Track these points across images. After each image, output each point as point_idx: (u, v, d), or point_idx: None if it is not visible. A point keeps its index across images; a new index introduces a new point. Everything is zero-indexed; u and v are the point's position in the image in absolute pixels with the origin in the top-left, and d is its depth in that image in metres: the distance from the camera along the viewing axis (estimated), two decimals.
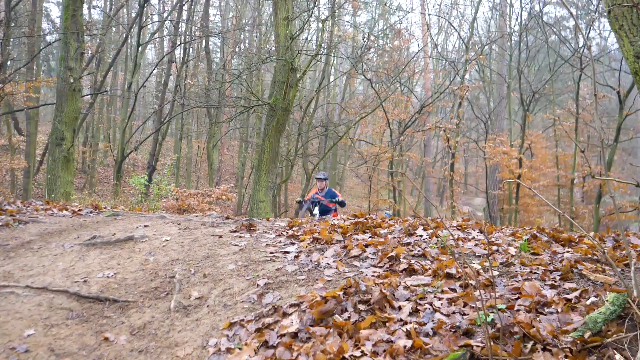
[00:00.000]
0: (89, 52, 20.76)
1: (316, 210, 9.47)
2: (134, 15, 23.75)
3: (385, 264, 3.71)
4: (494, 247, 4.02)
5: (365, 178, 26.73)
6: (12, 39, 18.49)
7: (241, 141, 27.93)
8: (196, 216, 6.35)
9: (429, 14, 26.93)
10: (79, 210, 6.18)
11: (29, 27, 19.76)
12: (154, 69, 26.03)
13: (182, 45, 23.06)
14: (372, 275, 3.46)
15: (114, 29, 26.86)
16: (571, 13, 2.91)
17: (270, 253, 4.12)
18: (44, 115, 32.19)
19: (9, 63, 18.98)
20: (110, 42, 26.66)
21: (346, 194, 35.95)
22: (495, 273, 3.42)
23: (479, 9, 23.62)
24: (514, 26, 23.84)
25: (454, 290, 3.16)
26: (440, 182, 34.13)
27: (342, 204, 9.54)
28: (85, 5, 13.44)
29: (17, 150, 22.51)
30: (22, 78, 19.49)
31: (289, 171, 19.88)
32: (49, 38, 24.77)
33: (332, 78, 27.12)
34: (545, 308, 2.78)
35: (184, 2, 22.62)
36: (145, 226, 5.08)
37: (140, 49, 19.56)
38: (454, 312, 2.85)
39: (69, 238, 4.73)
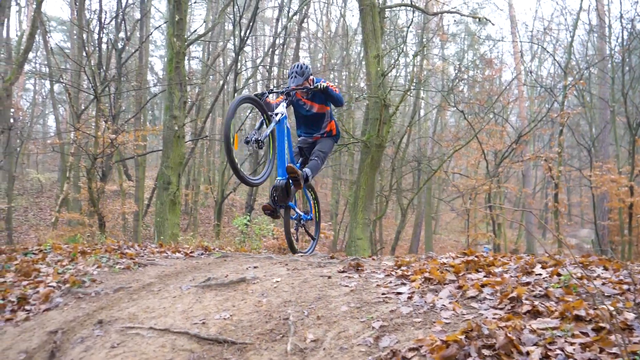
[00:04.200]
0: (190, 100, 22.07)
1: (280, 111, 5.47)
2: (229, 63, 25.08)
3: (505, 305, 3.53)
4: (624, 286, 3.72)
5: (461, 212, 26.02)
6: (122, 92, 20.11)
7: (334, 178, 28.21)
8: (301, 256, 6.42)
9: (521, 41, 26.21)
10: (190, 252, 6.46)
11: (137, 80, 21.43)
12: (250, 113, 27.16)
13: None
14: (493, 318, 3.29)
15: (211, 77, 28.45)
16: None
17: (382, 294, 4.05)
18: (150, 161, 34.39)
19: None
20: (208, 89, 28.22)
21: (442, 229, 35.07)
22: (632, 315, 3.15)
23: (575, 32, 22.62)
24: (614, 47, 22.65)
25: (585, 334, 2.93)
26: (542, 213, 32.50)
27: (336, 99, 5.77)
28: (185, 57, 14.39)
29: (127, 195, 24.13)
30: (130, 127, 21.04)
31: (384, 207, 19.79)
32: (153, 89, 26.71)
33: (422, 112, 26.94)
34: None
35: (275, 48, 23.61)
36: (254, 267, 5.19)
37: (236, 94, 20.52)
38: (589, 359, 2.65)
39: (185, 280, 4.93)
